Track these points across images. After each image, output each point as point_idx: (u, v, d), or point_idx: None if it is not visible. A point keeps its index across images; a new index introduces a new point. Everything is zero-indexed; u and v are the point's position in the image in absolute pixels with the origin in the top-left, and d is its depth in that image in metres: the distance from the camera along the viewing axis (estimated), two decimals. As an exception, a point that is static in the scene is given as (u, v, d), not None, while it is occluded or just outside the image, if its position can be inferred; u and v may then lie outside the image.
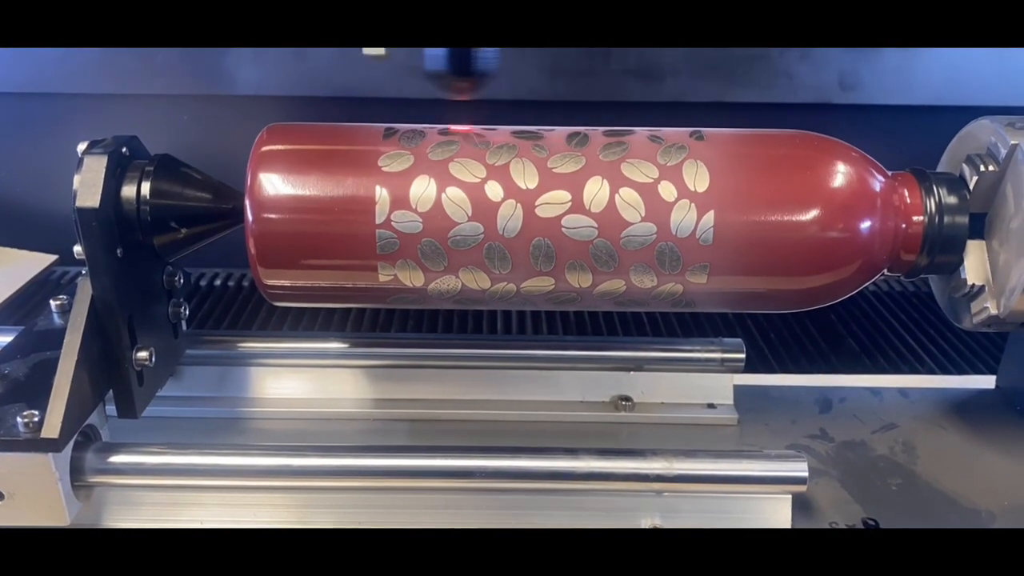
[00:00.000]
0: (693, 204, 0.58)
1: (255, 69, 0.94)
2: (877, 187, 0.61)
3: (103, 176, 0.57)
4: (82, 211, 0.56)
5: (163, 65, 0.93)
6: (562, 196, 0.58)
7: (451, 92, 0.60)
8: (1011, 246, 0.61)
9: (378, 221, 0.58)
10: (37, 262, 1.00)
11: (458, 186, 0.58)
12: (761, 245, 0.59)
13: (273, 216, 0.58)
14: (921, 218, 0.62)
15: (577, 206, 0.58)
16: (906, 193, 0.62)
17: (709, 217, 0.58)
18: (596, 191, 0.58)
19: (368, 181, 0.58)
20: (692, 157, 0.59)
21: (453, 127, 0.61)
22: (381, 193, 0.58)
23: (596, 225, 0.58)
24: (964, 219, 0.62)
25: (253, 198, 0.58)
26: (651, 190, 0.58)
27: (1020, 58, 0.97)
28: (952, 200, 0.62)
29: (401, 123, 0.62)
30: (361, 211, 0.58)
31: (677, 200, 0.58)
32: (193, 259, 0.65)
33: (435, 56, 0.58)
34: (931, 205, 0.61)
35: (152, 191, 0.59)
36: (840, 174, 0.59)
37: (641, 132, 0.61)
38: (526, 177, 0.58)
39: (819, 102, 0.98)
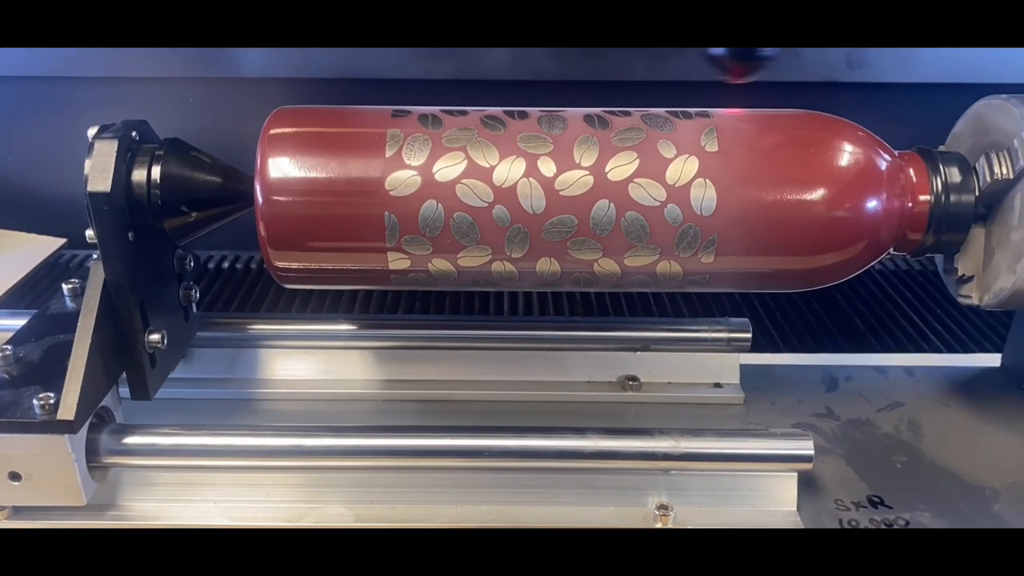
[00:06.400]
0: (699, 229, 0.59)
1: (260, 51, 0.94)
2: (883, 166, 0.61)
3: (114, 160, 0.57)
4: (94, 195, 0.56)
5: (169, 48, 0.93)
6: (569, 221, 0.58)
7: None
8: (1006, 253, 0.62)
9: (388, 245, 0.59)
10: (46, 246, 1.01)
11: (465, 211, 0.58)
12: (768, 227, 0.59)
13: (283, 199, 0.58)
14: (927, 197, 0.62)
15: (583, 230, 0.59)
16: (912, 172, 0.62)
17: (714, 242, 0.59)
18: (603, 215, 0.58)
19: (377, 167, 0.58)
20: (702, 176, 0.58)
21: (459, 122, 0.60)
22: (390, 219, 0.58)
23: (601, 247, 0.59)
24: (970, 198, 0.62)
25: (263, 181, 0.59)
26: (657, 214, 0.58)
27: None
28: (958, 180, 0.62)
29: (406, 104, 0.62)
30: (370, 193, 0.58)
31: (683, 224, 0.59)
32: (202, 241, 0.65)
33: None
34: (937, 184, 0.62)
35: (162, 175, 0.59)
36: (846, 154, 0.60)
37: (652, 136, 0.59)
38: (533, 202, 0.58)
39: (827, 80, 0.98)
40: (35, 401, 0.55)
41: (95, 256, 0.58)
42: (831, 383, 0.77)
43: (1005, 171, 0.61)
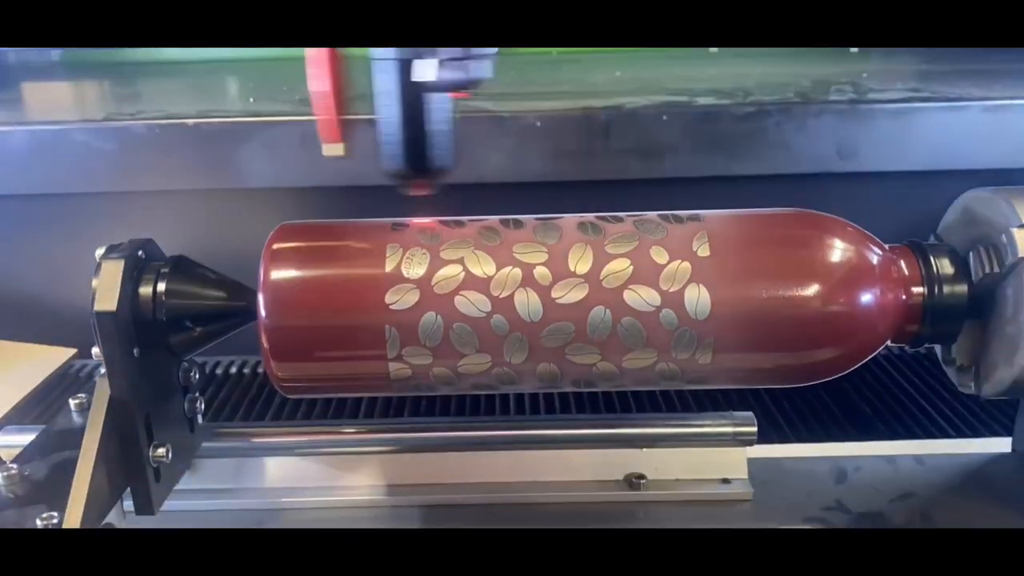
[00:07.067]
0: (695, 332, 0.59)
1: (266, 163, 0.97)
2: (875, 261, 0.62)
3: (120, 280, 0.58)
4: (100, 315, 0.57)
5: (177, 164, 0.96)
6: (566, 327, 0.59)
7: (412, 190, 0.62)
8: (1001, 347, 0.62)
9: (390, 356, 0.60)
10: (56, 356, 1.02)
11: (464, 322, 0.59)
12: (763, 327, 0.59)
13: (286, 313, 0.59)
14: (921, 289, 0.62)
15: (580, 336, 0.60)
16: (904, 266, 0.63)
17: (711, 344, 0.60)
18: (599, 321, 0.59)
19: (378, 281, 0.60)
20: (695, 280, 0.59)
21: (457, 233, 0.61)
22: (391, 331, 0.59)
23: (599, 351, 0.60)
24: (963, 288, 0.63)
25: (266, 296, 0.60)
26: (652, 319, 0.59)
27: (1013, 119, 0.99)
28: (950, 272, 0.63)
29: (405, 217, 0.64)
30: (371, 308, 0.59)
31: (679, 327, 0.59)
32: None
33: (392, 156, 0.60)
34: (930, 277, 0.62)
35: (168, 292, 0.61)
36: (837, 251, 0.61)
37: (644, 243, 0.60)
38: (530, 310, 0.59)
39: (818, 172, 1.00)
40: (38, 521, 0.54)
41: (103, 370, 0.59)
42: (840, 475, 0.76)
43: (995, 266, 0.61)
